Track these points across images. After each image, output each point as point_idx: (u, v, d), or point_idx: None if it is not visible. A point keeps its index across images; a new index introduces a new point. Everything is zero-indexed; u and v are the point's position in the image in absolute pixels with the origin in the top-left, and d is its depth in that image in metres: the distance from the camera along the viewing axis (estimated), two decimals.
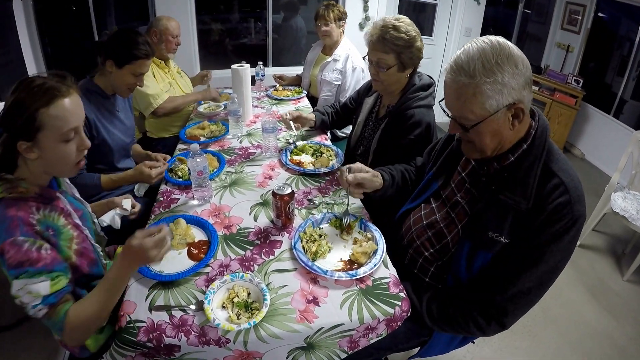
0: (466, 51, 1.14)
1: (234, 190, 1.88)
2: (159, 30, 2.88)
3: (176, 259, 1.44)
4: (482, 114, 1.14)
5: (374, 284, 1.36)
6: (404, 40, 1.84)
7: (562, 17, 5.66)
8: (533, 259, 1.17)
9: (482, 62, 1.09)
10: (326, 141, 2.46)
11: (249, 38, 5.34)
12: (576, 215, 1.13)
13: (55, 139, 1.12)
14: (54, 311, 1.05)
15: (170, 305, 1.24)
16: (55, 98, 1.10)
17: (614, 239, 3.71)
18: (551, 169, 1.18)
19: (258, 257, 1.45)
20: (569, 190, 1.13)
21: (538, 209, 1.15)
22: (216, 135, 2.42)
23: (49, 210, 1.16)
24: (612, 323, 2.74)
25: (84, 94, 1.87)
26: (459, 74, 1.13)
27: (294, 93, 3.30)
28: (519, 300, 1.21)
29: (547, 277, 1.20)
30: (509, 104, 1.12)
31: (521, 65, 1.11)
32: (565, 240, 1.14)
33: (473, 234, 1.28)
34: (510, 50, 1.11)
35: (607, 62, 5.35)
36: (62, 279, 1.08)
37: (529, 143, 1.22)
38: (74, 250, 1.20)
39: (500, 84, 1.09)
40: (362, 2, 4.88)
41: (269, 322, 1.19)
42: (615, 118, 4.97)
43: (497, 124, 1.16)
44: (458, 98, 1.16)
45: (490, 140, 1.20)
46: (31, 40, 3.75)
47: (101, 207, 1.56)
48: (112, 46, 1.95)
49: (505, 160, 1.25)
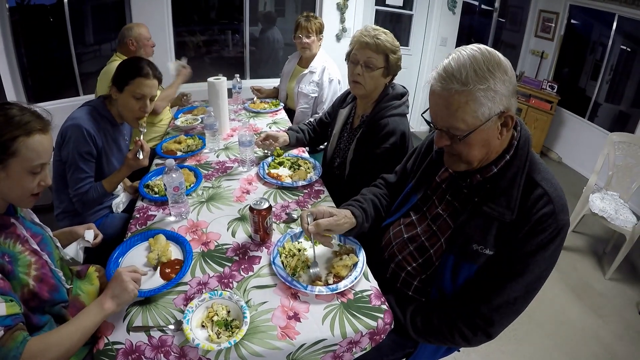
0: (456, 59, 1.12)
1: (211, 205, 1.86)
2: (133, 38, 2.88)
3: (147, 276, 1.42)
4: (474, 123, 1.12)
5: (355, 297, 1.36)
6: (392, 45, 1.93)
7: (535, 25, 5.92)
8: (518, 269, 1.17)
9: (475, 69, 1.07)
10: (304, 154, 2.46)
11: (226, 50, 5.32)
12: (560, 224, 1.14)
13: (24, 169, 1.14)
14: (10, 336, 1.00)
15: (149, 326, 1.22)
16: (35, 131, 1.14)
17: (594, 239, 3.85)
18: (534, 179, 1.19)
19: (237, 274, 1.44)
20: (552, 200, 1.15)
21: (523, 220, 1.16)
22: (193, 150, 2.40)
23: (4, 237, 1.14)
24: (598, 322, 2.82)
25: (93, 116, 1.90)
26: (450, 82, 1.10)
27: (271, 105, 3.30)
28: (505, 310, 1.22)
29: (533, 287, 1.20)
30: (500, 112, 1.11)
31: (510, 72, 1.11)
32: (551, 250, 1.15)
33: (457, 246, 1.28)
34: (499, 57, 1.11)
35: (580, 67, 5.60)
36: (15, 304, 1.05)
37: (511, 154, 1.22)
38: (33, 276, 1.17)
39: (493, 90, 1.08)
40: (339, 13, 4.94)
41: (250, 340, 1.18)
42: (590, 121, 5.19)
43: (487, 133, 1.15)
44: (448, 107, 1.12)
45: (478, 151, 1.19)
46: (7, 52, 3.68)
47: (64, 234, 1.54)
48: (115, 73, 1.95)
49: (489, 172, 1.25)
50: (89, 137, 1.84)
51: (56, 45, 4.18)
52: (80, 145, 1.83)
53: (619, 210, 3.20)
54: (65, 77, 4.25)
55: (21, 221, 1.25)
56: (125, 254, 1.53)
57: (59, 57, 4.21)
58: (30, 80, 4.05)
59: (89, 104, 1.97)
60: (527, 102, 5.45)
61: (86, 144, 1.84)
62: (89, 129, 1.84)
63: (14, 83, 3.79)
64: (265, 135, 2.30)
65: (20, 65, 3.88)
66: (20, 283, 1.13)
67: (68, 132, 1.83)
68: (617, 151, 3.43)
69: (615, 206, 3.25)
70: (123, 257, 1.51)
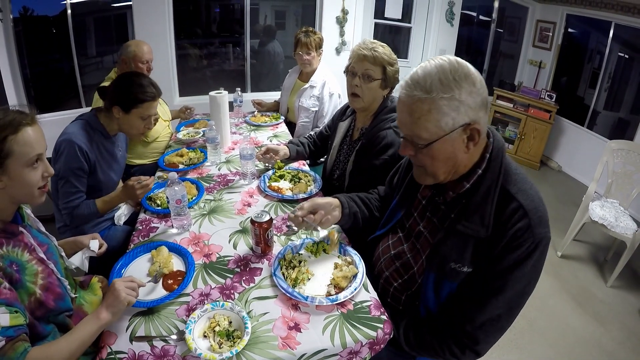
0: (423, 67, 1.11)
1: (213, 218, 1.89)
2: (127, 58, 2.82)
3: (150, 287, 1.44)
4: (436, 132, 1.10)
5: (355, 308, 1.38)
6: (389, 58, 1.97)
7: (533, 35, 5.98)
8: (497, 286, 1.14)
9: (440, 78, 1.06)
10: (304, 167, 2.49)
11: (227, 63, 5.37)
12: (537, 238, 1.10)
13: (22, 165, 1.16)
14: (11, 347, 1.02)
15: (152, 336, 1.24)
16: (22, 126, 1.15)
17: (594, 247, 3.85)
18: (509, 192, 1.15)
19: (238, 285, 1.46)
20: (528, 213, 1.10)
21: (498, 236, 1.13)
22: (195, 163, 2.43)
23: (12, 246, 1.16)
24: (600, 329, 2.82)
25: (86, 131, 1.92)
26: (414, 89, 1.09)
27: (271, 119, 3.34)
28: (489, 328, 1.20)
29: (516, 303, 1.18)
30: (465, 124, 1.09)
31: (479, 85, 1.08)
32: (529, 265, 1.11)
33: (436, 265, 1.26)
34: (469, 69, 1.09)
35: (578, 75, 5.63)
36: (20, 316, 1.07)
37: (483, 167, 1.19)
38: (40, 285, 1.19)
39: (457, 100, 1.05)
40: (339, 27, 4.99)
41: (251, 350, 1.20)
42: (589, 129, 5.22)
43: (452, 145, 1.12)
44: (411, 114, 1.11)
45: (443, 164, 1.17)
46: (10, 62, 3.73)
47: (68, 244, 1.56)
48: (117, 92, 1.96)
49: (461, 188, 1.22)
50: (80, 153, 1.85)
51: (59, 56, 4.24)
52: (72, 161, 1.84)
53: (619, 217, 3.21)
54: (68, 89, 4.30)
55: (28, 229, 1.27)
56: (127, 266, 1.55)
57: (62, 68, 4.27)
58: (33, 91, 4.10)
59: (82, 118, 1.98)
60: (526, 111, 5.48)
61: (77, 160, 1.85)
62: (81, 144, 1.85)
63: (17, 93, 3.84)
64: (266, 148, 2.33)
65: (23, 76, 3.92)
66: (28, 292, 1.15)
67: (61, 147, 1.85)
68: (616, 159, 3.45)
69: (615, 213, 3.26)
70: (126, 269, 1.54)
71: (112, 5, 4.45)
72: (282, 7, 5.39)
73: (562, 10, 5.47)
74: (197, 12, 5.01)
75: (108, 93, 1.98)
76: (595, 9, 4.94)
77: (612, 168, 3.47)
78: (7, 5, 3.60)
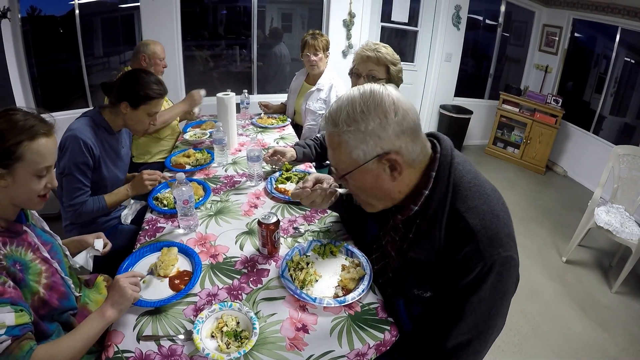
0: (339, 99, 1.11)
1: (220, 219, 1.89)
2: (147, 55, 2.93)
3: (157, 287, 1.45)
4: (350, 163, 1.09)
5: (363, 310, 1.38)
6: (392, 58, 2.00)
7: (539, 39, 5.97)
8: (457, 313, 1.07)
9: (347, 111, 1.04)
10: (311, 169, 2.49)
11: (234, 65, 5.39)
12: (489, 261, 1.01)
13: (30, 172, 1.17)
14: (17, 346, 1.02)
15: (159, 335, 1.24)
16: (39, 135, 1.17)
17: (600, 252, 3.83)
18: (458, 210, 1.07)
19: (246, 286, 1.46)
20: (476, 235, 1.02)
21: (448, 262, 1.07)
22: (201, 164, 2.44)
23: (16, 245, 1.17)
24: (604, 335, 2.81)
25: (91, 127, 1.92)
26: (327, 123, 1.10)
27: (278, 121, 3.34)
28: (462, 354, 1.11)
29: (484, 326, 1.08)
30: (379, 155, 1.06)
31: (393, 114, 1.03)
32: (486, 290, 1.03)
33: (400, 290, 1.26)
34: (382, 99, 1.04)
35: (584, 80, 5.63)
36: (25, 314, 1.07)
37: (430, 188, 1.12)
38: (43, 284, 1.20)
39: (362, 132, 1.03)
40: (345, 30, 5.00)
41: (259, 351, 1.20)
42: (595, 134, 5.21)
43: (372, 175, 1.10)
44: (330, 146, 1.13)
45: (369, 193, 1.16)
46: (18, 61, 3.75)
47: (73, 243, 1.57)
48: (125, 88, 1.97)
49: (409, 211, 1.16)
50: (85, 148, 1.85)
51: (66, 56, 4.26)
52: (77, 156, 1.85)
53: (624, 223, 3.20)
54: (75, 88, 4.32)
55: (32, 229, 1.28)
56: (134, 265, 1.56)
57: (69, 68, 4.29)
58: (40, 90, 4.12)
59: (86, 115, 1.99)
60: (532, 116, 5.48)
61: (83, 155, 1.85)
62: (86, 140, 1.86)
63: (24, 92, 3.86)
64: (273, 150, 2.33)
65: (31, 75, 3.94)
66: (31, 291, 1.15)
67: (66, 143, 1.85)
68: (622, 164, 3.44)
69: (621, 219, 3.25)
70: (132, 268, 1.54)
71: (120, 6, 4.47)
72: (288, 10, 5.41)
73: (569, 14, 5.47)
74: (204, 14, 5.03)
75: (115, 89, 1.99)
76: (602, 14, 4.95)
77: (617, 173, 3.47)
78: (15, 5, 3.62)
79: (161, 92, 2.02)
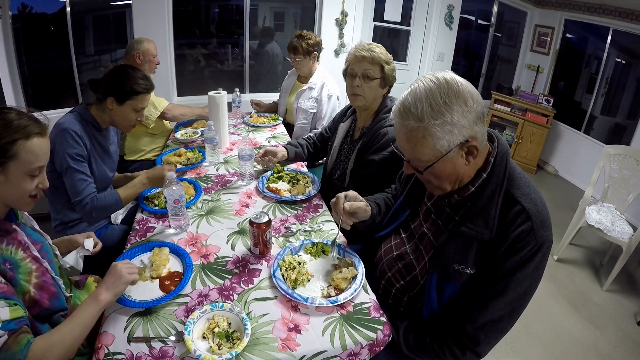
0: (413, 92, 1.13)
1: (211, 218, 1.88)
2: (141, 52, 2.93)
3: (147, 287, 1.43)
4: (434, 154, 1.14)
5: (355, 310, 1.38)
6: (386, 57, 2.02)
7: (531, 39, 6.01)
8: (500, 288, 1.15)
9: (430, 104, 1.08)
10: (302, 168, 2.49)
11: (226, 64, 5.36)
12: (540, 241, 1.12)
13: (23, 171, 1.17)
14: (14, 340, 1.01)
15: (150, 337, 1.23)
16: (34, 134, 1.17)
17: (591, 251, 3.86)
18: (513, 195, 1.16)
19: (237, 286, 1.45)
20: (531, 217, 1.12)
21: (501, 238, 1.14)
22: (193, 163, 2.42)
23: (6, 244, 1.16)
24: (595, 333, 2.83)
25: (80, 122, 1.89)
26: (407, 118, 1.12)
27: (269, 120, 3.34)
28: (491, 329, 1.20)
29: (518, 304, 1.18)
30: (461, 142, 1.12)
31: (471, 102, 1.09)
32: (531, 267, 1.13)
33: (439, 266, 1.27)
34: (459, 87, 1.10)
35: (576, 80, 5.67)
36: (20, 308, 1.07)
37: (488, 172, 1.21)
38: (34, 283, 1.19)
39: (449, 124, 1.08)
40: (338, 29, 4.98)
41: (251, 352, 1.19)
42: (586, 134, 5.26)
43: (452, 162, 1.16)
44: (408, 141, 1.16)
45: (446, 179, 1.21)
46: (8, 59, 3.70)
47: (63, 243, 1.55)
48: (111, 83, 1.94)
49: (466, 191, 1.24)
50: (76, 138, 1.83)
51: (57, 54, 4.20)
52: (70, 148, 1.82)
53: (615, 222, 3.23)
54: (66, 86, 4.27)
55: (22, 227, 1.27)
56: None
57: (60, 66, 4.23)
58: (31, 89, 4.07)
59: (73, 110, 1.96)
60: (524, 116, 5.51)
61: (75, 145, 1.83)
62: (75, 129, 1.83)
63: (15, 90, 3.80)
64: (264, 151, 2.33)
65: (21, 73, 3.88)
66: (22, 290, 1.14)
67: (56, 139, 1.81)
68: (612, 163, 3.47)
69: (612, 218, 3.28)
70: None
71: (112, 3, 4.43)
72: (281, 9, 5.37)
73: (561, 15, 5.50)
74: (196, 12, 4.99)
75: (102, 84, 1.96)
76: (594, 15, 4.98)
77: (608, 173, 3.49)
78: (6, 2, 3.58)
79: (147, 87, 1.99)
